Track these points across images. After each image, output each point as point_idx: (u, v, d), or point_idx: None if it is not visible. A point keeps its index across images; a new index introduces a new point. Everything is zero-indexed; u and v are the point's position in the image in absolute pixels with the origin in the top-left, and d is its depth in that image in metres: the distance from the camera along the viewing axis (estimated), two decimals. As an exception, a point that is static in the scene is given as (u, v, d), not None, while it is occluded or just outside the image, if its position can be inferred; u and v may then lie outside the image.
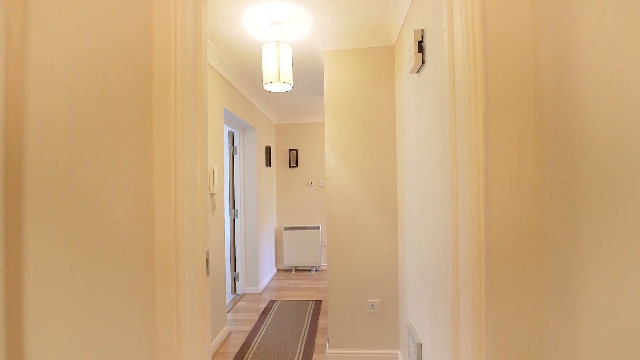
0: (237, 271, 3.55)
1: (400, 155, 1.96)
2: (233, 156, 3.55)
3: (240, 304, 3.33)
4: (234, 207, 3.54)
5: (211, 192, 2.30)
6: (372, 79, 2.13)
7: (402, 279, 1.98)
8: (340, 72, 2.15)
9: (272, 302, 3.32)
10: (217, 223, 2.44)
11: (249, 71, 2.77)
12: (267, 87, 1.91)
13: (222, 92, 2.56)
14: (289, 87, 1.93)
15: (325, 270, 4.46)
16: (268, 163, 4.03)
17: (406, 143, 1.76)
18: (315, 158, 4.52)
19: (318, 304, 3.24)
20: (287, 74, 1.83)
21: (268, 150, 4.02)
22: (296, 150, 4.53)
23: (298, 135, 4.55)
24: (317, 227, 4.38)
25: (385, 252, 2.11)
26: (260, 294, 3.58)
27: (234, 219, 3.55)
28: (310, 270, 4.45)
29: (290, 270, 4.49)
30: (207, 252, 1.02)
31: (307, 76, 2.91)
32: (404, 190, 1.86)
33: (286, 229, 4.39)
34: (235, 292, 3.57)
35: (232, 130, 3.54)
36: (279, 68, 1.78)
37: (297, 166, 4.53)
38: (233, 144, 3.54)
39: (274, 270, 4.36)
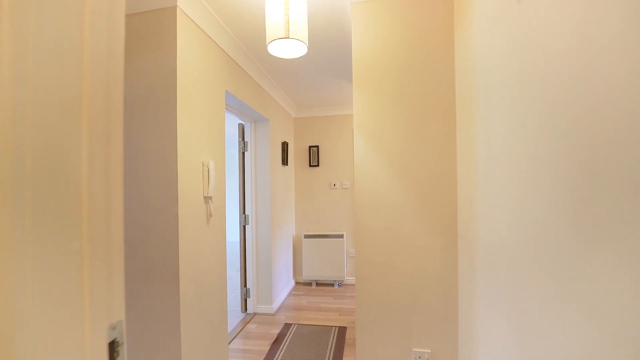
0: (247, 286, 3.05)
1: (468, 143, 1.33)
2: (244, 153, 3.07)
3: (250, 326, 2.83)
4: (244, 212, 3.05)
5: (205, 195, 1.80)
6: (419, 37, 1.52)
7: (469, 323, 1.35)
8: (373, 30, 1.56)
9: (287, 326, 2.78)
10: (215, 233, 1.93)
11: (260, 49, 2.25)
12: (272, 50, 1.37)
13: (223, 70, 2.06)
14: (303, 49, 1.38)
15: (351, 285, 3.86)
16: (285, 161, 3.51)
17: (484, 122, 1.13)
18: (339, 156, 3.95)
19: (342, 332, 2.65)
20: (301, 28, 1.27)
21: (285, 146, 3.51)
22: (317, 147, 3.98)
23: (319, 130, 4.00)
24: (341, 236, 3.80)
25: (439, 282, 1.49)
26: (274, 314, 3.05)
27: (244, 226, 3.06)
28: (332, 285, 3.87)
29: (310, 284, 3.93)
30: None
31: (329, 50, 2.34)
32: (475, 195, 1.24)
33: (305, 236, 3.84)
34: (246, 310, 3.07)
35: (242, 122, 3.05)
36: (288, 18, 1.23)
37: (318, 165, 3.98)
38: (243, 139, 3.06)
39: (292, 283, 3.83)
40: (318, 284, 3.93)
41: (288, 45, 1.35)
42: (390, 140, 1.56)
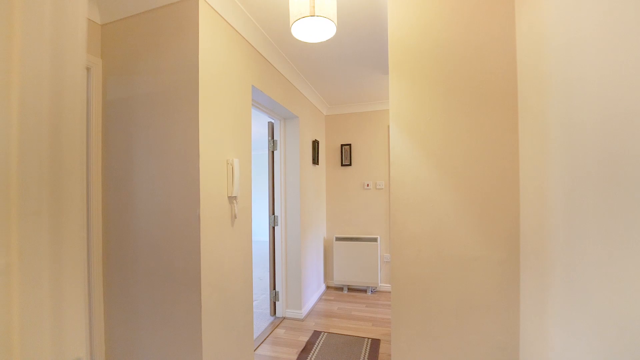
0: (276, 289, 2.96)
1: (537, 142, 1.07)
2: (273, 152, 2.98)
3: (279, 331, 2.72)
4: (273, 213, 2.97)
5: (230, 194, 1.71)
6: (468, 9, 1.27)
7: (537, 356, 1.08)
8: (413, 3, 1.35)
9: (316, 334, 2.63)
10: (240, 236, 1.84)
11: (289, 41, 2.13)
12: (296, 33, 1.22)
13: (250, 64, 1.97)
14: (331, 29, 1.21)
15: (385, 292, 3.61)
16: (315, 160, 3.37)
17: (561, 117, 0.88)
18: (373, 154, 3.72)
19: (375, 345, 2.44)
20: (328, 4, 1.10)
21: (315, 145, 3.37)
22: (349, 145, 3.78)
23: (352, 128, 3.80)
24: (375, 240, 3.57)
25: (494, 303, 1.23)
26: (303, 320, 2.92)
27: (273, 227, 2.97)
28: (365, 291, 3.65)
29: (341, 289, 3.75)
30: None
31: (360, 34, 2.14)
32: (545, 198, 0.98)
33: (337, 239, 3.67)
34: (275, 314, 2.98)
35: (272, 120, 2.97)
36: (314, -7, 1.07)
37: (350, 164, 3.78)
38: (273, 137, 2.97)
39: (323, 287, 3.68)
40: (350, 289, 3.74)
41: (314, 27, 1.19)
42: (433, 133, 1.33)
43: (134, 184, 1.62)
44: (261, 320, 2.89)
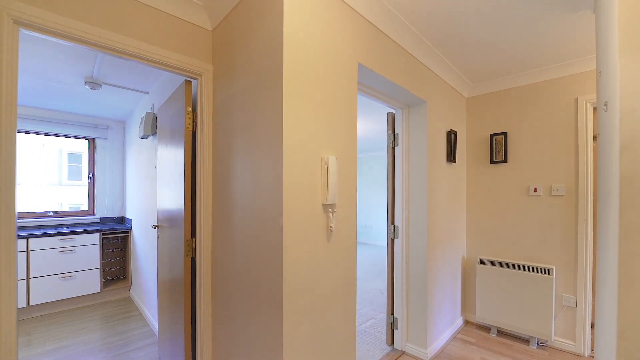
0: (395, 315, 2.44)
1: None
2: (393, 149, 2.47)
3: (396, 368, 2.21)
4: (393, 223, 2.45)
5: (325, 202, 1.36)
6: None
7: None
8: None
9: (446, 390, 1.95)
10: (339, 253, 1.47)
11: (410, 3, 1.60)
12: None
13: (355, 36, 1.56)
14: None
15: (562, 352, 2.40)
16: (451, 157, 2.60)
17: None
18: (545, 145, 2.55)
19: None
20: None
21: (452, 137, 2.60)
22: (504, 134, 2.75)
23: (509, 109, 2.74)
24: (547, 271, 2.43)
25: None
26: (429, 362, 2.28)
27: (392, 239, 2.46)
28: (527, 342, 2.55)
29: (487, 330, 2.79)
30: None
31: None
32: None
33: (482, 262, 2.74)
34: (392, 343, 2.47)
35: (392, 110, 2.45)
36: None
37: (505, 161, 2.74)
38: (393, 131, 2.45)
39: (459, 321, 2.84)
40: (501, 332, 2.72)
41: None
42: None
43: (232, 188, 1.54)
44: (375, 348, 2.45)
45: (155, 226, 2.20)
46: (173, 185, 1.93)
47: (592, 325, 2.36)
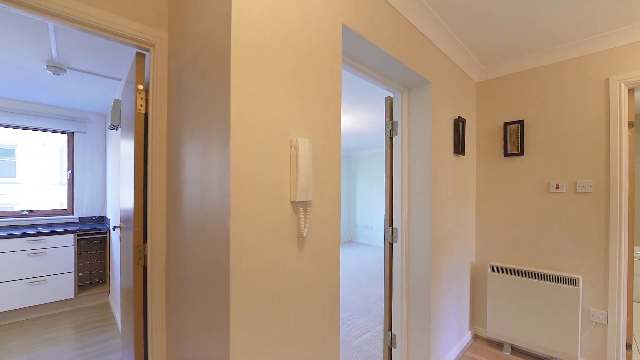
0: (393, 331, 2.12)
1: None
2: (391, 139, 2.14)
3: (394, 395, 1.88)
4: (391, 225, 2.13)
5: (294, 199, 1.05)
6: None
7: None
8: None
9: None
10: (315, 264, 1.15)
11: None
12: None
13: (337, -7, 1.24)
14: None
15: (593, 377, 2.05)
16: (459, 149, 2.26)
17: None
18: (570, 134, 2.19)
19: None
20: None
21: (460, 125, 2.26)
22: (520, 123, 2.39)
23: (526, 94, 2.39)
24: (573, 281, 2.08)
25: None
26: (433, 387, 1.95)
27: (390, 243, 2.14)
28: (548, 363, 2.21)
29: (499, 346, 2.44)
30: None
31: None
32: None
33: (494, 269, 2.40)
34: (391, 363, 2.14)
35: (391, 93, 2.13)
36: None
37: (521, 153, 2.39)
38: (392, 119, 2.12)
39: (467, 336, 2.50)
40: (516, 350, 2.37)
41: None
42: None
43: (182, 183, 1.24)
44: (371, 367, 2.13)
45: (115, 228, 1.92)
46: (128, 180, 1.64)
47: (628, 346, 2.00)
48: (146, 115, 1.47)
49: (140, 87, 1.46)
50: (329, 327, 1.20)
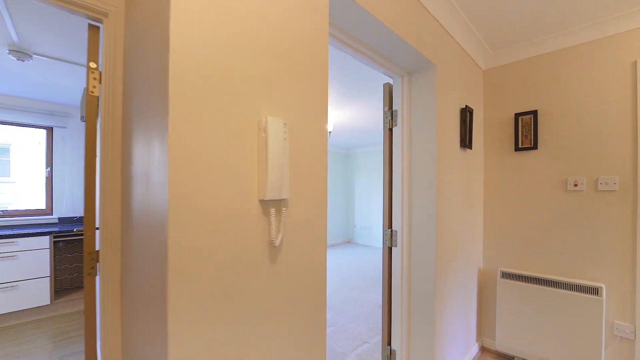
0: (392, 346, 1.89)
1: None
2: (391, 130, 1.91)
3: (393, 419, 1.66)
4: (390, 227, 1.90)
5: (263, 197, 0.82)
6: None
7: None
8: None
9: None
10: (292, 282, 0.92)
11: None
12: None
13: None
14: None
15: (618, 398, 1.82)
16: (466, 142, 2.03)
17: None
18: (590, 125, 1.96)
19: None
20: None
21: (466, 115, 2.02)
22: (533, 114, 2.16)
23: (540, 82, 2.15)
24: (595, 290, 1.85)
25: None
26: (437, 410, 1.72)
27: (389, 248, 1.91)
28: (566, 380, 1.97)
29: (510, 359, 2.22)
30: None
31: None
32: None
33: (504, 275, 2.17)
34: (390, 380, 1.92)
35: (390, 79, 1.90)
36: None
37: (534, 147, 2.16)
38: (391, 107, 1.89)
39: (474, 349, 2.27)
40: (530, 365, 2.14)
41: None
42: None
43: (131, 179, 1.01)
44: (368, 385, 1.90)
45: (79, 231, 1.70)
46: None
47: (659, 365, 1.77)
48: (99, 98, 1.25)
49: (93, 65, 1.24)
50: (315, 349, 0.98)
